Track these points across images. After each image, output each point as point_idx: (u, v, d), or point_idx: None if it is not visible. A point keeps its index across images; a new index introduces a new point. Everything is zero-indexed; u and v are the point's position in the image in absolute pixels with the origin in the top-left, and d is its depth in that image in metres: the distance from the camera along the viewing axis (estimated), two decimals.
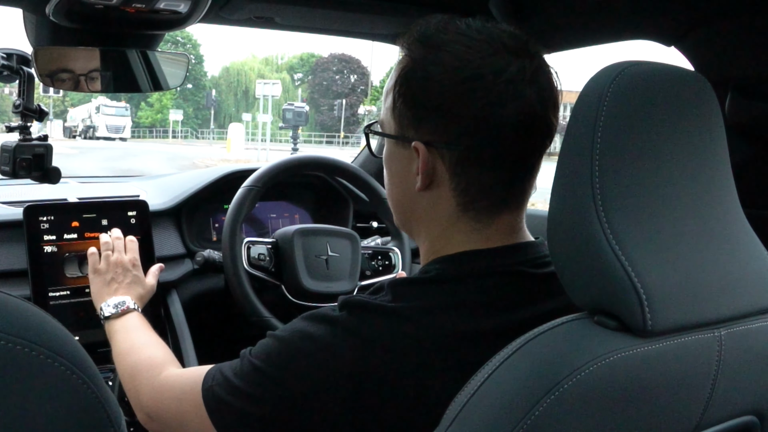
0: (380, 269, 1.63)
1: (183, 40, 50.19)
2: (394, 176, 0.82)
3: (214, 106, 41.91)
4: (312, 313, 0.76)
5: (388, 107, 0.80)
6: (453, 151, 0.74)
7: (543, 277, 0.75)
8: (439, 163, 0.75)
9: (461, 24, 0.75)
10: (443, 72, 0.72)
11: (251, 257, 1.48)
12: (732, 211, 0.67)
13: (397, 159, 0.80)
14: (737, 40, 1.12)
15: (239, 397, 0.74)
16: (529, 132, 0.73)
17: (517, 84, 0.72)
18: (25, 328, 0.43)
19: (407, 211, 0.82)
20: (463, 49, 0.72)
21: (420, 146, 0.75)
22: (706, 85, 0.66)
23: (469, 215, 0.76)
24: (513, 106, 0.71)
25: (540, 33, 1.39)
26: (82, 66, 1.27)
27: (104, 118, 36.22)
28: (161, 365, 0.94)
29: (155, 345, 1.04)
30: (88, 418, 0.45)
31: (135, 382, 0.94)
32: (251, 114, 35.53)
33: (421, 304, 0.71)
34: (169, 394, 0.86)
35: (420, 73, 0.74)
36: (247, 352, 0.78)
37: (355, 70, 49.85)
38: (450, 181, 0.75)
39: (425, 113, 0.75)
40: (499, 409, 0.57)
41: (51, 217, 1.39)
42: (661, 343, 0.59)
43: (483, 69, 0.71)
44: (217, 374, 0.79)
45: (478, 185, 0.75)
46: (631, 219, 0.59)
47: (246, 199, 1.47)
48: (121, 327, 1.12)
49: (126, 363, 1.00)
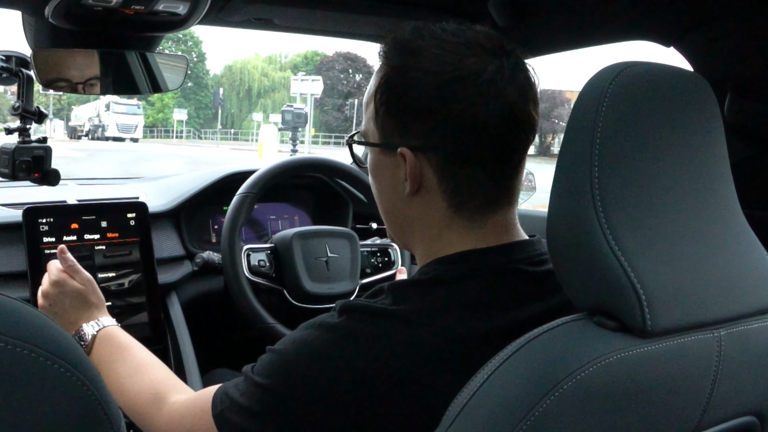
0: (380, 266, 1.63)
1: (185, 38, 49.31)
2: (381, 185, 0.82)
3: (221, 105, 39.54)
4: (310, 322, 0.75)
5: (369, 117, 0.80)
6: (439, 153, 0.74)
7: (541, 274, 0.75)
8: (426, 166, 0.75)
9: (436, 29, 0.76)
10: (423, 76, 0.73)
11: (251, 265, 1.48)
12: (731, 211, 0.67)
13: (383, 167, 0.80)
14: (736, 41, 1.13)
15: (250, 419, 0.74)
16: (513, 128, 0.74)
17: (497, 83, 0.72)
18: (24, 330, 0.43)
19: (399, 219, 0.82)
20: (441, 52, 0.73)
21: (406, 152, 0.75)
22: (705, 85, 0.66)
23: (463, 215, 0.76)
24: (495, 105, 0.72)
25: (539, 33, 1.40)
26: (80, 68, 1.27)
27: (115, 117, 33.37)
28: (159, 397, 0.90)
29: (144, 368, 0.97)
30: (88, 419, 0.45)
31: (144, 422, 0.91)
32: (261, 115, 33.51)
33: (421, 306, 0.71)
34: (181, 427, 0.85)
35: (400, 80, 0.75)
36: (249, 370, 0.77)
37: (361, 69, 48.93)
38: (439, 184, 0.76)
39: (408, 119, 0.75)
40: (499, 409, 0.57)
41: (50, 219, 1.39)
42: (661, 343, 0.59)
43: (462, 71, 0.72)
44: (224, 397, 0.78)
45: (468, 185, 0.75)
46: (631, 219, 0.59)
47: (242, 206, 1.47)
48: (97, 361, 1.01)
49: (122, 402, 0.94)
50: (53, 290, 1.10)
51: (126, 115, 33.43)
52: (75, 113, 40.03)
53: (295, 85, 19.27)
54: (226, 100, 48.64)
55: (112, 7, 1.11)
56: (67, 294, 1.10)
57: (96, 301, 1.11)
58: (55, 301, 1.10)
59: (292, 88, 19.81)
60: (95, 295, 1.11)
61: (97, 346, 1.03)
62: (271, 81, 52.50)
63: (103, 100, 32.91)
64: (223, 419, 0.77)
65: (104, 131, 33.66)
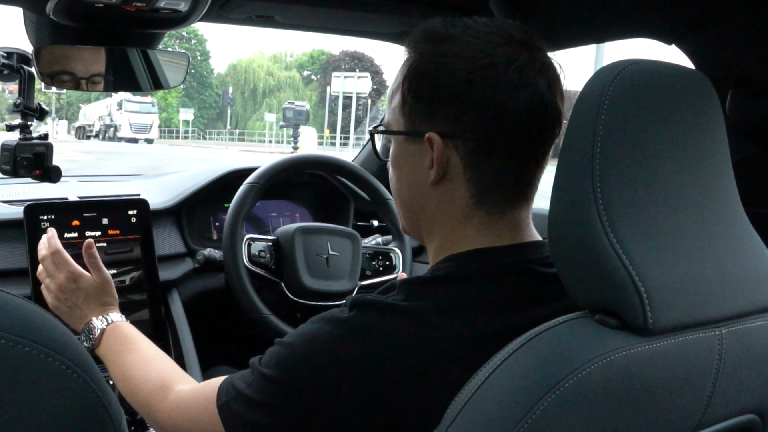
0: (381, 269, 1.63)
1: (188, 36, 48.53)
2: (404, 174, 0.82)
3: (231, 105, 37.79)
4: (320, 315, 0.75)
5: (395, 106, 0.80)
6: (467, 140, 0.74)
7: (553, 276, 0.75)
8: (453, 154, 0.75)
9: (467, 20, 0.76)
10: (455, 62, 0.73)
11: (252, 254, 1.48)
12: (733, 209, 0.67)
13: (407, 155, 0.80)
14: (738, 39, 1.12)
15: (254, 410, 0.74)
16: (542, 118, 0.74)
17: (528, 72, 0.73)
18: (26, 328, 0.43)
19: (418, 210, 0.82)
20: (473, 39, 0.73)
21: (434, 137, 0.75)
22: (707, 83, 0.66)
23: (482, 209, 0.76)
24: (525, 94, 0.72)
25: (540, 31, 1.39)
26: (82, 65, 1.27)
27: (128, 116, 30.56)
28: (166, 385, 0.91)
29: (149, 361, 0.99)
30: (89, 417, 0.45)
31: (148, 410, 0.92)
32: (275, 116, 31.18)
33: (433, 304, 0.71)
34: (185, 416, 0.85)
35: (431, 66, 0.75)
36: (256, 362, 0.77)
37: (368, 69, 48.29)
38: (464, 173, 0.75)
39: (438, 104, 0.75)
40: (500, 408, 0.57)
41: (51, 216, 1.39)
42: (662, 341, 0.59)
43: (494, 57, 0.72)
44: (229, 388, 0.78)
45: (492, 175, 0.75)
46: (632, 217, 0.59)
47: (248, 195, 1.48)
48: (106, 352, 1.05)
49: (128, 390, 0.96)
50: (69, 285, 1.12)
51: (140, 114, 30.87)
52: (83, 112, 37.27)
53: (336, 83, 16.85)
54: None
55: (113, 4, 1.11)
56: (83, 290, 1.12)
57: (110, 300, 1.13)
58: (68, 296, 1.12)
59: (333, 86, 17.52)
60: (110, 295, 1.14)
61: (106, 338, 1.06)
62: (276, 80, 51.76)
63: (115, 97, 30.49)
64: (228, 410, 0.77)
65: (116, 131, 31.00)
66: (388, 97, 0.83)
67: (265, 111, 43.71)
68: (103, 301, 1.12)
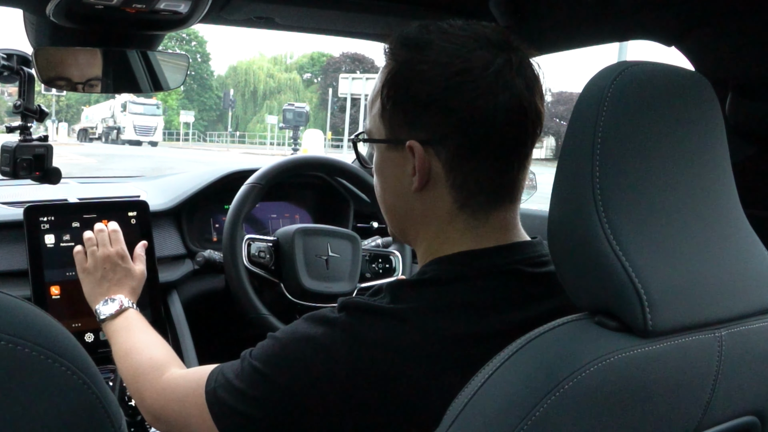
0: (380, 272, 1.63)
1: (189, 37, 48.14)
2: (387, 181, 0.82)
3: (233, 107, 37.41)
4: (312, 314, 0.76)
5: (375, 113, 0.80)
6: (448, 146, 0.74)
7: (542, 276, 0.75)
8: (434, 160, 0.75)
9: (443, 24, 0.76)
10: (432, 69, 0.73)
11: (251, 254, 1.48)
12: (732, 211, 0.67)
13: (389, 163, 0.80)
14: (738, 40, 1.13)
15: (241, 400, 0.75)
16: (521, 120, 0.74)
17: (505, 75, 0.73)
18: (25, 329, 0.43)
19: (402, 216, 0.82)
20: (449, 45, 0.73)
21: (415, 144, 0.75)
22: (707, 84, 0.66)
23: (466, 212, 0.77)
24: (503, 97, 0.72)
25: (540, 32, 1.40)
26: (82, 66, 1.27)
27: (132, 118, 29.86)
28: (163, 366, 0.94)
29: (156, 345, 1.03)
30: (89, 419, 0.45)
31: (138, 384, 0.94)
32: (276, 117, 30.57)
33: (419, 306, 0.71)
34: (173, 396, 0.86)
35: (408, 73, 0.75)
36: (247, 354, 0.78)
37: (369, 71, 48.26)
38: (446, 178, 0.76)
39: (416, 112, 0.75)
40: (500, 409, 0.57)
41: (51, 218, 1.39)
42: (662, 343, 0.59)
43: (471, 62, 0.72)
44: (219, 376, 0.79)
45: (474, 179, 0.75)
46: (632, 219, 0.59)
47: (248, 195, 1.48)
48: (119, 327, 1.11)
49: (127, 364, 1.00)
50: (115, 259, 1.22)
51: (144, 116, 30.10)
52: (86, 114, 36.90)
53: (344, 84, 16.91)
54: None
55: (113, 6, 1.11)
56: (123, 270, 1.22)
57: (138, 291, 1.23)
58: (108, 268, 1.21)
59: (340, 88, 17.34)
60: (140, 287, 1.24)
61: (122, 317, 1.12)
62: (276, 82, 51.46)
63: (119, 99, 29.86)
64: (214, 397, 0.77)
65: (120, 134, 30.42)
66: (369, 104, 0.83)
67: (265, 113, 43.66)
68: (133, 288, 1.21)
